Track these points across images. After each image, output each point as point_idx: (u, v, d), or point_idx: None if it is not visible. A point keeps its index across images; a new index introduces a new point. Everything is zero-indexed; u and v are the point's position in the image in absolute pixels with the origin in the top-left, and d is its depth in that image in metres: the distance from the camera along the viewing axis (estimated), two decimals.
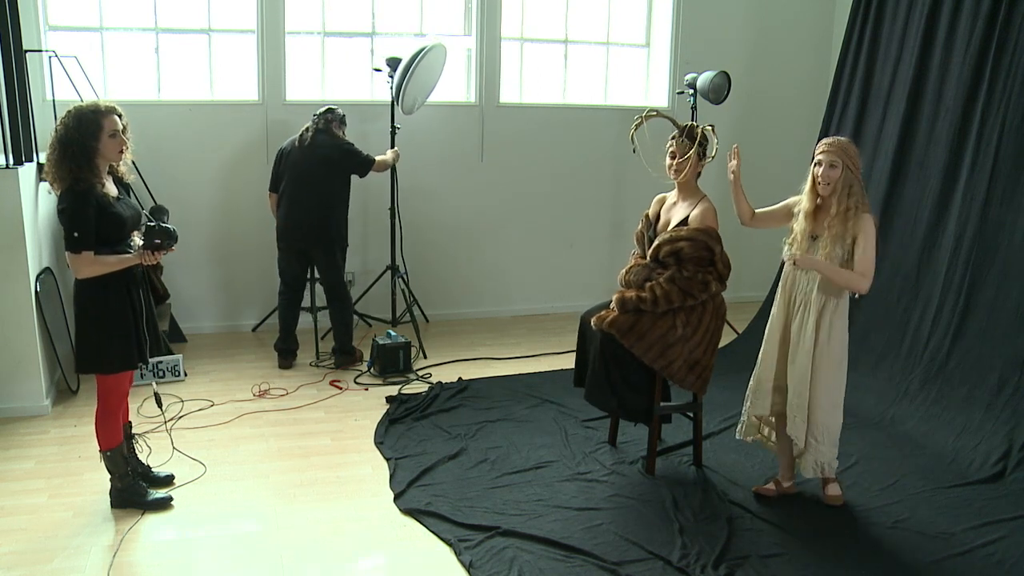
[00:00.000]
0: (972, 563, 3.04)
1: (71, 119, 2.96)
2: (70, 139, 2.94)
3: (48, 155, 3.00)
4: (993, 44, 4.42)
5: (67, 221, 2.94)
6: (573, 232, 6.34)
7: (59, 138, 2.96)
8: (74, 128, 2.95)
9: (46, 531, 3.11)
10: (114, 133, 3.01)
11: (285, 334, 5.00)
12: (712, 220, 3.46)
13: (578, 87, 6.26)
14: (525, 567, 2.93)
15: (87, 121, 2.96)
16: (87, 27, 5.21)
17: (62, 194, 2.97)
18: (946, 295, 4.44)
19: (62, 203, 2.97)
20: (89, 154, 2.96)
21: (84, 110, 2.98)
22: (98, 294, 3.04)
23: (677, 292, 3.40)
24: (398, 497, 3.44)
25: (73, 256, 2.97)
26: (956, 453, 3.88)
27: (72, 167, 2.94)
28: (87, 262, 2.97)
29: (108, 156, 3.03)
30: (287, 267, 4.93)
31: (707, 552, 3.05)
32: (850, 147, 3.17)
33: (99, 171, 3.03)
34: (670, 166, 3.56)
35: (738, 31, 6.32)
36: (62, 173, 2.96)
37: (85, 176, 2.96)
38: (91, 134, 2.96)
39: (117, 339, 3.09)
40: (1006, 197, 4.25)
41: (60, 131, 2.96)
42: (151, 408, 4.31)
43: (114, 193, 3.09)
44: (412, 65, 4.85)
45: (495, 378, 4.87)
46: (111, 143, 3.01)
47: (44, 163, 3.05)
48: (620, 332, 3.47)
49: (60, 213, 2.99)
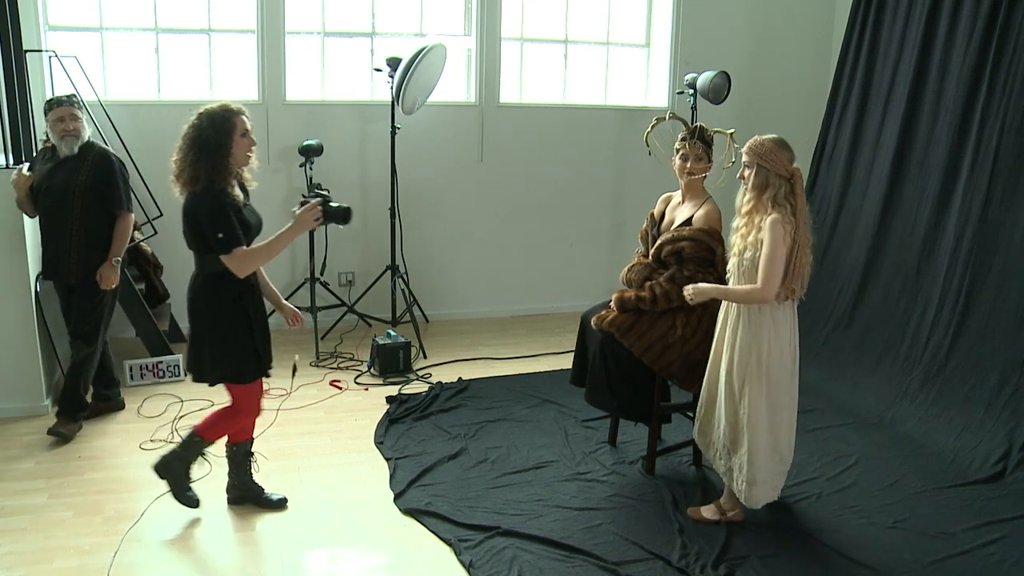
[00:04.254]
0: (972, 563, 3.04)
1: (204, 119, 2.91)
2: (204, 139, 2.89)
3: (178, 158, 2.94)
4: (993, 44, 4.42)
5: (208, 223, 2.88)
6: (573, 232, 6.34)
7: (191, 139, 2.91)
8: (208, 128, 2.90)
9: (46, 531, 3.11)
10: (244, 132, 2.98)
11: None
12: (716, 221, 3.46)
13: (578, 87, 6.25)
14: (525, 567, 2.93)
15: (220, 121, 2.92)
16: (87, 27, 5.20)
17: (196, 196, 2.91)
18: (946, 295, 4.44)
19: (197, 205, 2.91)
20: (223, 154, 2.92)
21: (215, 110, 2.94)
22: (220, 303, 3.00)
23: (676, 292, 3.39)
24: (398, 497, 3.44)
25: (227, 257, 2.92)
26: (956, 453, 3.88)
27: (207, 167, 2.89)
28: (242, 257, 2.93)
29: (238, 156, 2.98)
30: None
31: (707, 552, 3.05)
32: (764, 145, 2.95)
33: (231, 172, 2.98)
34: (681, 167, 3.56)
35: (738, 31, 6.32)
36: (197, 174, 2.89)
37: (221, 176, 2.92)
38: (225, 133, 2.92)
39: (242, 349, 3.06)
40: (1006, 197, 4.25)
41: (192, 132, 2.91)
42: (151, 408, 4.32)
43: (241, 199, 3.05)
44: (412, 65, 4.86)
45: (495, 378, 4.87)
46: (242, 143, 2.97)
47: (176, 167, 2.97)
48: (620, 332, 3.47)
49: (191, 216, 2.92)
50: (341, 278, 5.79)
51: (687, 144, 3.54)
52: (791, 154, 2.98)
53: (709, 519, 3.25)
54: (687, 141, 3.55)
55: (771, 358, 3.03)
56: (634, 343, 3.46)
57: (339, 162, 5.58)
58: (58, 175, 3.83)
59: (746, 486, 3.11)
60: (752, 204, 2.98)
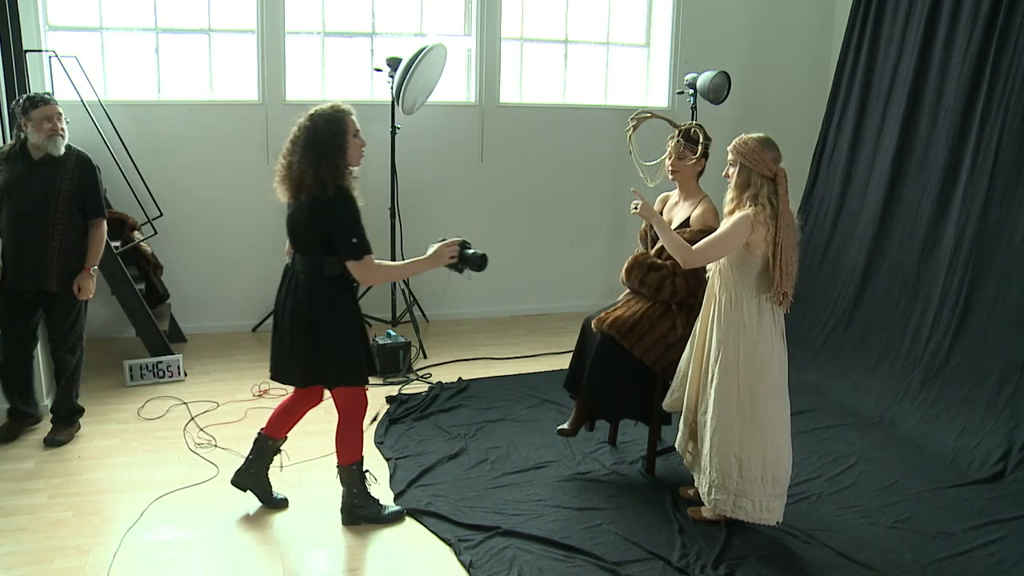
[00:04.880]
0: (972, 563, 3.04)
1: (318, 121, 2.88)
2: (321, 140, 2.85)
3: (291, 160, 2.89)
4: (993, 44, 4.42)
5: (343, 227, 2.85)
6: (573, 232, 6.34)
7: (306, 141, 2.86)
8: (325, 129, 2.86)
9: (46, 531, 3.11)
10: (356, 133, 2.96)
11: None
12: (713, 219, 3.46)
13: (578, 87, 6.25)
14: (525, 567, 2.93)
15: (335, 121, 2.89)
16: (87, 27, 5.20)
17: (328, 199, 2.85)
18: (946, 295, 4.44)
19: (332, 208, 2.86)
20: (340, 155, 2.88)
21: (327, 111, 2.90)
22: (341, 306, 3.00)
23: (686, 289, 3.42)
24: (398, 497, 3.44)
25: (356, 263, 2.88)
26: (956, 453, 3.88)
27: (328, 169, 2.84)
28: (370, 266, 2.90)
29: (352, 157, 2.94)
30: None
31: (707, 552, 3.05)
32: (747, 144, 2.96)
33: (349, 174, 2.93)
34: (668, 168, 3.58)
35: (738, 31, 6.32)
36: (321, 177, 2.84)
37: (343, 178, 2.87)
38: (340, 133, 2.89)
39: (361, 350, 3.07)
40: (1006, 197, 4.25)
41: (307, 134, 2.87)
42: (151, 409, 4.31)
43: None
44: (412, 65, 4.86)
45: (495, 378, 4.87)
46: (355, 143, 2.95)
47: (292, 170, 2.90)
48: (620, 334, 3.47)
49: (318, 218, 2.87)
50: None
51: (672, 143, 3.56)
52: (776, 154, 2.97)
53: (709, 519, 3.25)
54: (673, 140, 3.56)
55: (745, 362, 2.99)
56: (635, 345, 3.46)
57: None
58: (36, 177, 3.64)
59: (706, 488, 3.12)
60: (734, 203, 3.00)
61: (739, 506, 3.06)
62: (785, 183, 2.96)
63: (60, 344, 3.84)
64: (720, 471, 3.05)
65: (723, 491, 3.06)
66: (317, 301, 2.98)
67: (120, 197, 5.04)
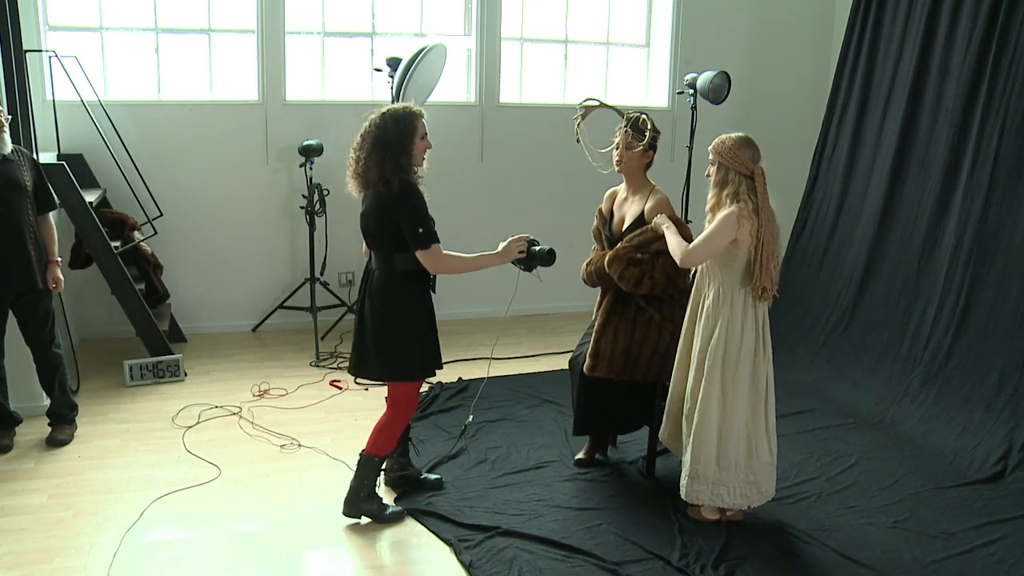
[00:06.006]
0: (972, 563, 3.04)
1: (388, 120, 2.95)
2: (389, 139, 2.93)
3: (360, 155, 2.97)
4: (993, 44, 4.42)
5: (410, 219, 2.92)
6: (573, 232, 6.31)
7: (375, 139, 2.94)
8: (393, 129, 2.94)
9: (46, 531, 3.11)
10: (424, 135, 3.01)
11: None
12: (667, 209, 3.42)
13: (578, 87, 6.25)
14: (525, 567, 2.93)
15: (405, 122, 2.96)
16: (87, 27, 5.21)
17: (395, 196, 2.93)
18: (946, 295, 4.43)
19: (399, 202, 2.93)
20: (405, 154, 2.95)
21: (399, 111, 2.98)
22: (408, 301, 3.06)
23: (665, 280, 3.35)
24: (398, 498, 3.44)
25: (425, 253, 2.95)
26: (956, 453, 3.88)
27: (393, 168, 2.92)
28: (439, 255, 2.98)
29: (417, 158, 3.00)
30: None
31: (707, 552, 3.05)
32: (724, 143, 3.04)
33: (414, 172, 3.01)
34: (615, 158, 3.54)
35: (738, 31, 6.31)
36: (386, 175, 2.92)
37: (408, 175, 2.96)
38: (408, 134, 2.96)
39: (426, 344, 3.12)
40: (1006, 197, 4.25)
41: (375, 133, 2.94)
42: (152, 410, 4.31)
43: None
44: (412, 65, 4.85)
45: (495, 378, 4.87)
46: (421, 144, 3.01)
47: (359, 165, 2.98)
48: (617, 373, 3.46)
49: (386, 213, 2.95)
50: (341, 278, 5.79)
51: (619, 133, 3.52)
52: (755, 153, 3.05)
53: (709, 519, 3.25)
54: (620, 130, 3.52)
55: (728, 354, 3.06)
56: (633, 373, 3.46)
57: (339, 162, 5.47)
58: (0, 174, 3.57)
59: (687, 480, 3.16)
60: (714, 200, 3.08)
61: (716, 494, 3.14)
62: (763, 180, 3.03)
63: (47, 342, 3.84)
64: (700, 462, 3.12)
65: (702, 481, 3.13)
66: (388, 295, 3.06)
67: (120, 197, 5.04)
